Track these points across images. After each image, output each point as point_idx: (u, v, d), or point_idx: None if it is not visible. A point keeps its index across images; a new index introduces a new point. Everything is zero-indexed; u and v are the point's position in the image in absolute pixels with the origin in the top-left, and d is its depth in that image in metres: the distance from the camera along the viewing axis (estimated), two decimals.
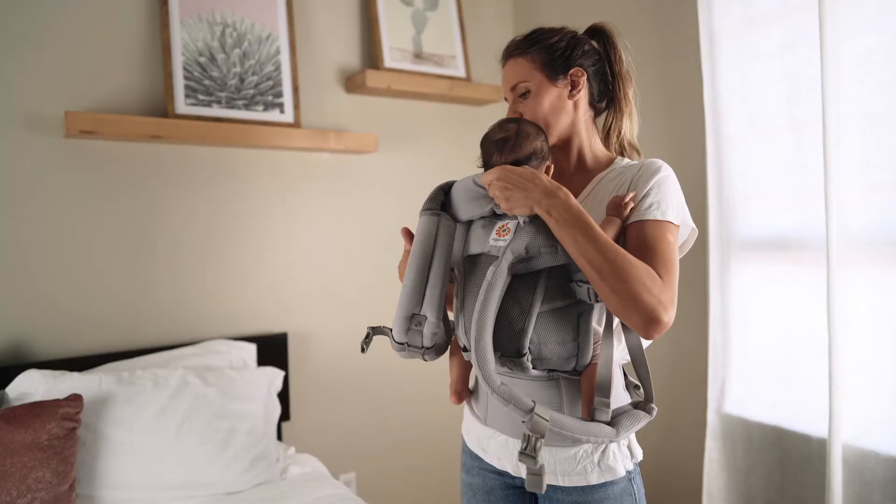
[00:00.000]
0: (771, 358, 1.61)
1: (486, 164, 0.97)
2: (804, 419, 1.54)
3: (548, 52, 1.02)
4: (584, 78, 1.03)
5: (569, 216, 0.85)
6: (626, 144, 1.09)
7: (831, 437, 1.41)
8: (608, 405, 0.86)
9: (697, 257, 1.73)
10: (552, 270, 0.88)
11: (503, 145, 0.95)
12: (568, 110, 1.03)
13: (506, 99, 1.08)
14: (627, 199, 0.92)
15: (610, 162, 1.05)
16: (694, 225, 0.99)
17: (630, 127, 1.09)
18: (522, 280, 0.87)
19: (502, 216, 0.92)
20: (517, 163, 0.93)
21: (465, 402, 1.11)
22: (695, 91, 1.75)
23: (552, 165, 0.98)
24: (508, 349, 0.87)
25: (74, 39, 1.72)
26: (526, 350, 0.86)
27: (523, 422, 0.79)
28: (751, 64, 1.64)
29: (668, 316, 0.83)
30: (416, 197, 2.23)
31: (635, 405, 0.93)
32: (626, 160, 1.05)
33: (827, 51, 1.41)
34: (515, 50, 1.05)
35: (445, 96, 2.20)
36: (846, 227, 1.42)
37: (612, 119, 1.08)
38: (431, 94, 2.17)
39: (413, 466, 2.25)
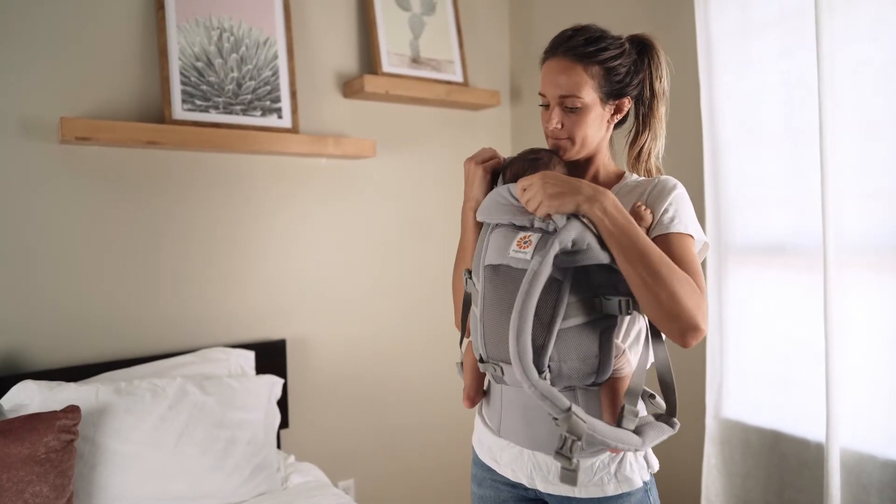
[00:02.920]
0: (768, 362, 1.62)
1: (514, 179, 0.98)
2: (802, 423, 1.55)
3: (608, 73, 0.97)
4: (630, 108, 1.03)
5: (621, 219, 0.85)
6: (652, 167, 1.08)
7: (829, 441, 1.43)
8: (636, 413, 0.86)
9: None
10: (574, 286, 0.87)
11: (537, 163, 0.97)
12: (602, 129, 1.03)
13: (542, 94, 1.00)
14: (645, 208, 0.94)
15: (620, 177, 1.06)
16: (706, 238, 1.00)
17: (659, 148, 1.08)
18: (543, 295, 0.86)
19: (523, 228, 0.92)
20: None
21: (476, 414, 1.11)
22: (692, 96, 1.77)
23: None
24: None
25: (70, 44, 1.68)
26: (545, 367, 0.86)
27: (556, 418, 0.78)
28: (748, 70, 1.65)
29: (705, 324, 0.85)
30: (414, 202, 2.26)
31: (657, 417, 0.93)
32: (635, 176, 1.06)
33: (823, 57, 1.43)
34: (573, 53, 0.97)
35: (443, 101, 2.20)
36: (842, 232, 1.43)
37: (645, 140, 1.07)
38: (429, 99, 2.16)
39: (411, 472, 2.25)
